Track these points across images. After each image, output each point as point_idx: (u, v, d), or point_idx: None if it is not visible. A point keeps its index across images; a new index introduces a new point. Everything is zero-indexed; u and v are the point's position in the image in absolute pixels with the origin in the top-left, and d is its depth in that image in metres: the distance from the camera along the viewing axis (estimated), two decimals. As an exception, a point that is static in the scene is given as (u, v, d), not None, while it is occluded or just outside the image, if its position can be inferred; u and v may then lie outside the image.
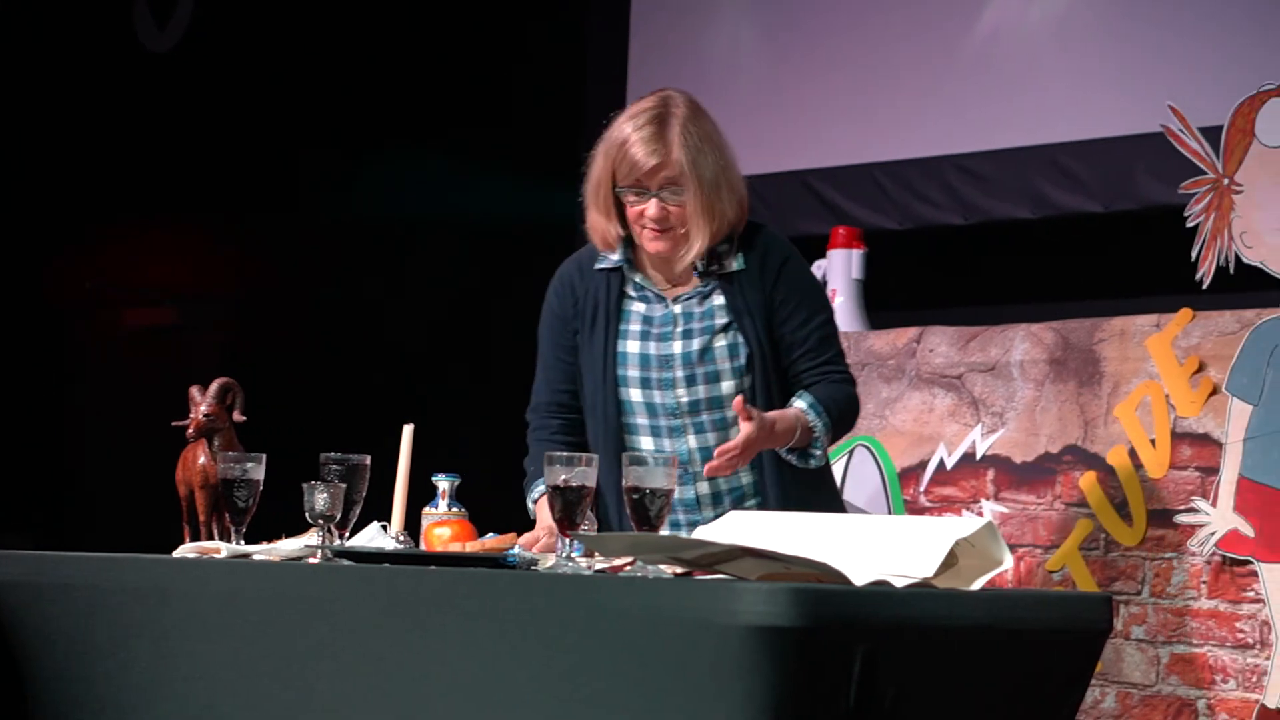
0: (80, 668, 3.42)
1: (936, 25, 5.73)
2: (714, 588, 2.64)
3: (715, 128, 3.70)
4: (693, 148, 3.62)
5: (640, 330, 3.73)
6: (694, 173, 3.62)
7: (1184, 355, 4.49)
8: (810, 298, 3.75)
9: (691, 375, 3.68)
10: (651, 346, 3.71)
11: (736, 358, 3.69)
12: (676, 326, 3.72)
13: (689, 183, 3.62)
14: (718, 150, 3.66)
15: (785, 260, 3.74)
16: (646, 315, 3.74)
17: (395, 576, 3.05)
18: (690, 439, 3.70)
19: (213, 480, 3.60)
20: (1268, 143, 4.39)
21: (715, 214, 3.64)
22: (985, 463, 4.78)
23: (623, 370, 3.73)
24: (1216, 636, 4.37)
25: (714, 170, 3.64)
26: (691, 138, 3.63)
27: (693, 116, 3.67)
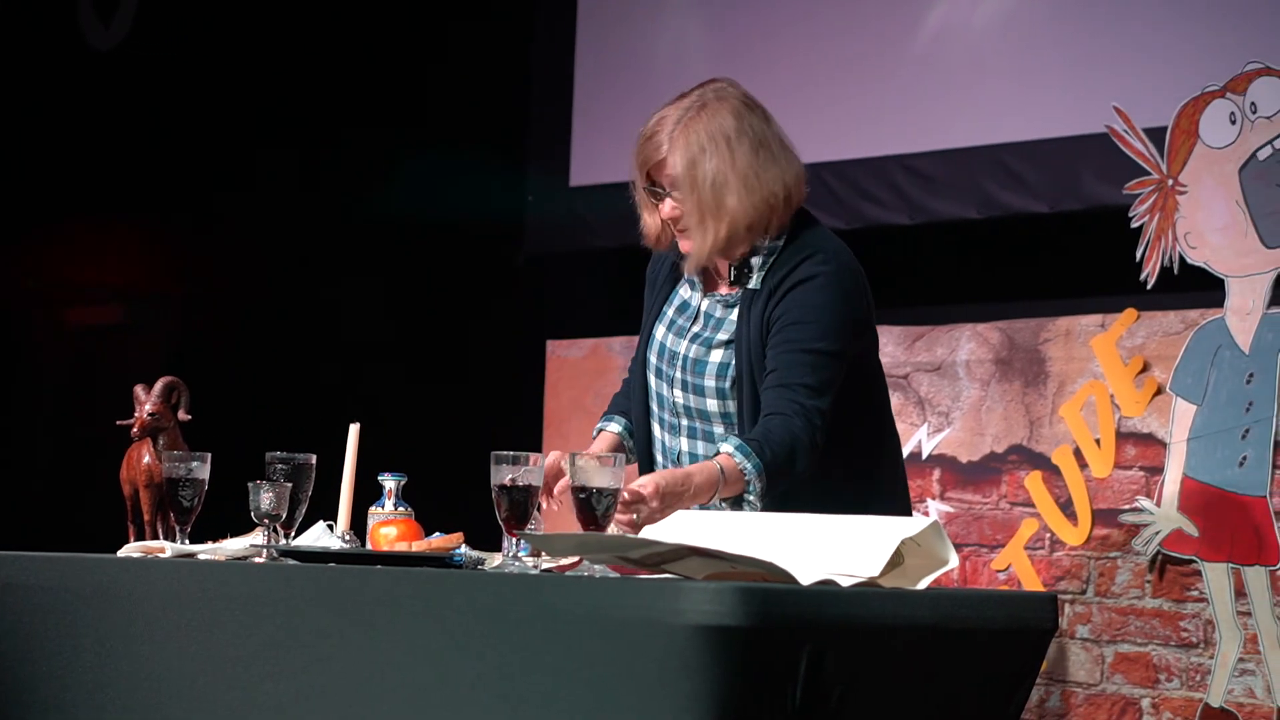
0: (23, 668, 3.40)
1: (882, 25, 5.74)
2: (660, 587, 2.64)
3: (743, 127, 3.49)
4: (694, 146, 3.46)
5: (671, 318, 3.63)
6: (689, 174, 3.45)
7: (1128, 355, 4.51)
8: (805, 323, 3.44)
9: (685, 381, 3.57)
10: (670, 338, 3.61)
11: (724, 378, 3.52)
12: (693, 325, 3.59)
13: (683, 184, 3.47)
14: (730, 149, 3.46)
15: (801, 282, 3.47)
16: (685, 302, 3.63)
17: (341, 576, 3.04)
18: (683, 440, 3.60)
19: (157, 479, 3.58)
20: (1211, 144, 4.41)
21: (717, 218, 3.45)
22: (931, 462, 4.79)
23: (649, 354, 3.65)
24: (1161, 635, 4.39)
25: (717, 171, 3.44)
26: (697, 136, 3.47)
27: (709, 114, 3.50)
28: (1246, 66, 4.39)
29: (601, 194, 6.12)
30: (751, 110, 3.53)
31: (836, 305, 3.49)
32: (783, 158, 3.52)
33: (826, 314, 3.46)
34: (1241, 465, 4.28)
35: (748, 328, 3.50)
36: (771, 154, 3.50)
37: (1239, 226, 4.35)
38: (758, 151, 3.49)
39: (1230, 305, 4.35)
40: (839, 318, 3.48)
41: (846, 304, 3.51)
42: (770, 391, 3.42)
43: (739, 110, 3.52)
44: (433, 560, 3.16)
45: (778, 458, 3.33)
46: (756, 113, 3.54)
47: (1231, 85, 4.39)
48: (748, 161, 3.47)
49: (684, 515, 3.17)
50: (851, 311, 3.52)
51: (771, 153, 3.51)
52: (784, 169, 3.51)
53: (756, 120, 3.52)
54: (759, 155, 3.48)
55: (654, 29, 6.27)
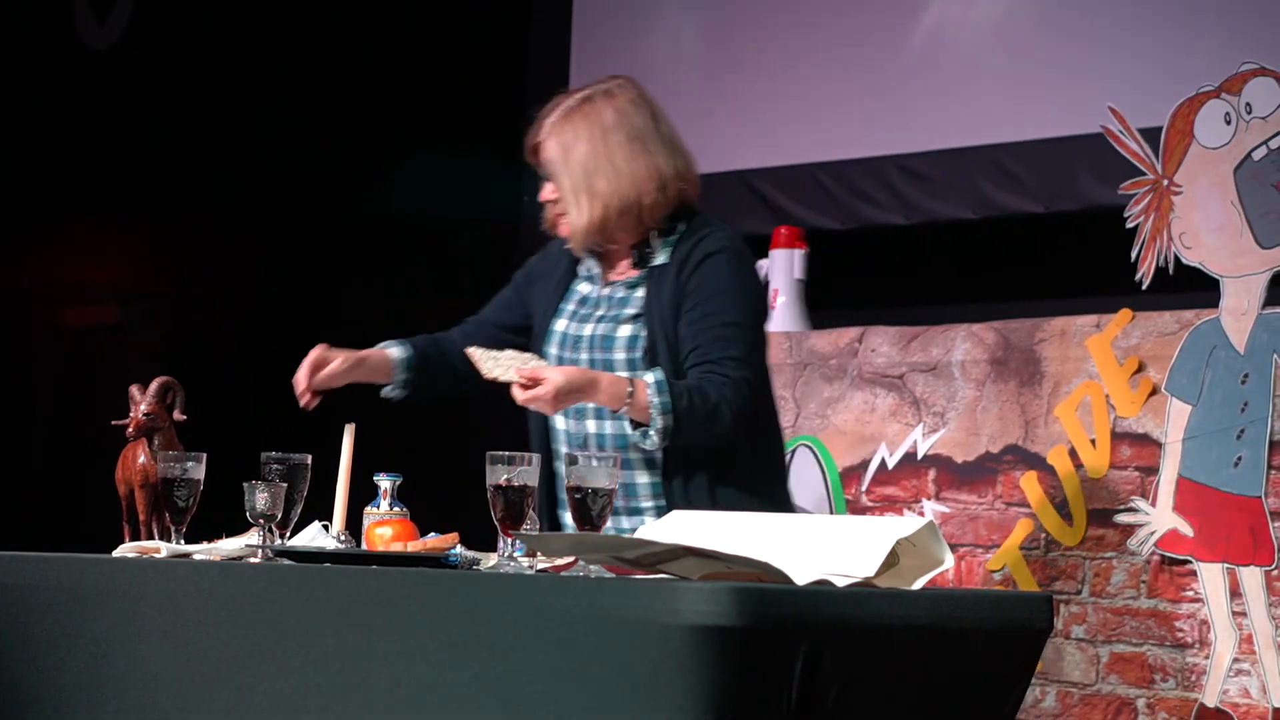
0: (19, 668, 3.40)
1: (878, 26, 5.74)
2: (656, 587, 2.64)
3: (621, 120, 3.69)
4: (568, 133, 3.69)
5: (572, 310, 3.78)
6: (562, 157, 3.68)
7: (1124, 355, 4.51)
8: (719, 297, 3.63)
9: (592, 360, 3.68)
10: (572, 326, 3.75)
11: (634, 350, 3.65)
12: (597, 310, 3.74)
13: (558, 167, 3.69)
14: (604, 138, 3.67)
15: (709, 255, 3.65)
16: (584, 296, 3.78)
17: (336, 576, 3.04)
18: (589, 423, 3.69)
19: (153, 479, 3.58)
20: (1206, 144, 4.41)
21: (590, 198, 3.65)
22: (926, 462, 4.80)
23: (547, 347, 3.77)
24: (1156, 636, 4.40)
25: (587, 156, 3.66)
26: (574, 125, 3.69)
27: (591, 107, 3.71)
28: (1241, 67, 4.39)
29: (597, 194, 6.11)
30: (637, 108, 3.73)
31: (746, 279, 3.70)
32: (661, 152, 3.70)
33: (738, 286, 3.66)
34: (1237, 465, 4.29)
35: (659, 300, 3.65)
36: (647, 148, 3.69)
37: (1234, 227, 4.35)
38: (633, 143, 3.68)
39: (1225, 305, 4.36)
40: (750, 291, 3.70)
41: (753, 278, 3.73)
42: (697, 369, 3.58)
43: (622, 107, 3.71)
44: (428, 560, 3.16)
45: (694, 408, 3.50)
46: (642, 110, 3.73)
47: (1226, 86, 4.40)
48: (622, 151, 3.67)
49: (680, 515, 3.17)
50: (757, 286, 3.74)
51: (647, 147, 3.69)
52: (661, 163, 3.69)
53: (640, 117, 3.71)
54: (633, 147, 3.67)
55: (650, 30, 6.27)
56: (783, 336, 5.09)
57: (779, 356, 5.06)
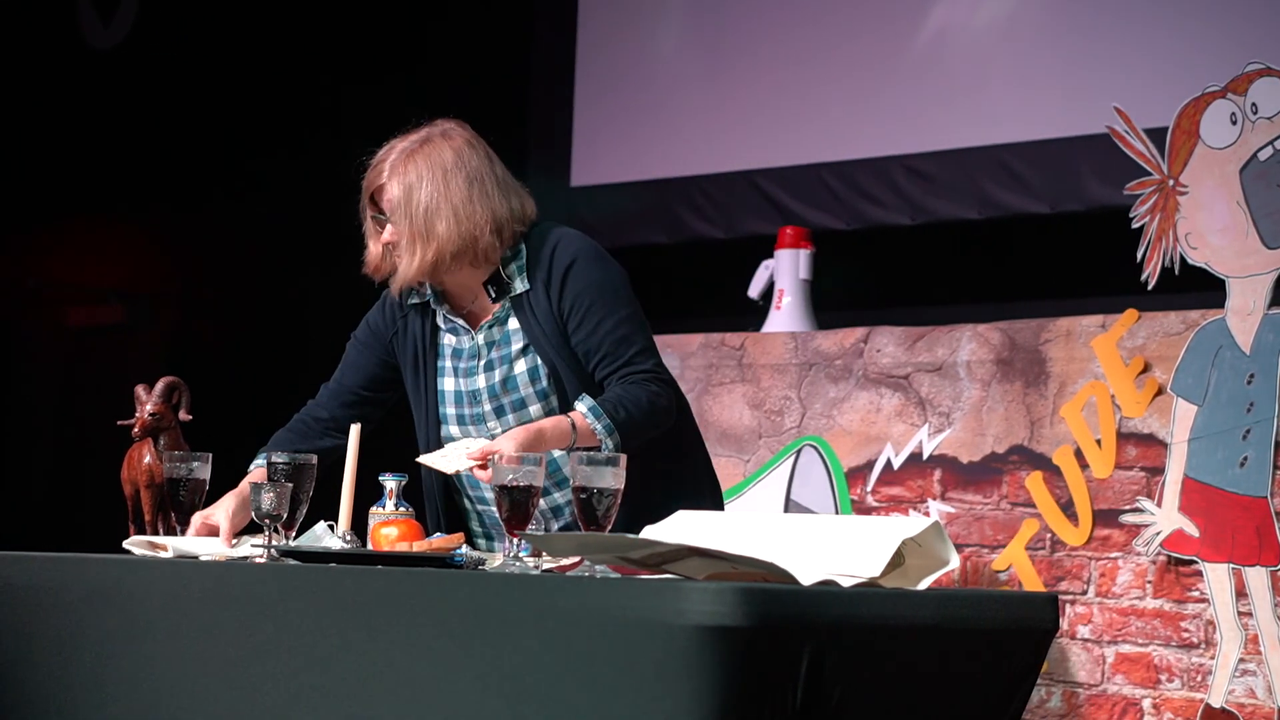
0: (24, 668, 3.40)
1: (884, 27, 5.74)
2: (661, 587, 2.64)
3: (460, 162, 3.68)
4: (410, 175, 3.66)
5: (452, 366, 3.74)
6: (404, 199, 3.66)
7: (1129, 356, 4.51)
8: (599, 300, 3.64)
9: (499, 406, 3.66)
10: (462, 383, 3.72)
11: (538, 380, 3.65)
12: (480, 359, 3.70)
13: (398, 210, 3.67)
14: (445, 181, 3.65)
15: (568, 267, 3.65)
16: (456, 348, 3.74)
17: (342, 576, 3.04)
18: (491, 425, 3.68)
19: (158, 479, 3.58)
20: (1212, 144, 4.41)
21: (425, 243, 3.62)
22: (932, 463, 4.80)
23: (443, 408, 3.74)
24: (1161, 636, 4.39)
25: (429, 199, 3.63)
26: (415, 166, 3.67)
27: (430, 148, 3.69)
28: (1247, 67, 4.39)
29: (602, 195, 6.13)
30: (473, 149, 3.72)
31: (610, 271, 3.70)
32: (497, 194, 3.69)
33: (609, 282, 3.68)
34: (1242, 466, 4.28)
35: (536, 323, 3.65)
36: (485, 191, 3.68)
37: (1240, 227, 4.35)
38: (471, 186, 3.67)
39: (1231, 306, 4.35)
40: (619, 281, 3.70)
41: (614, 266, 3.72)
42: (613, 375, 3.61)
43: (460, 148, 3.70)
44: (433, 561, 3.16)
45: (632, 416, 3.54)
46: (478, 152, 3.73)
47: (1232, 86, 4.39)
48: (461, 194, 3.65)
49: (685, 515, 3.17)
50: (619, 272, 3.72)
51: (485, 190, 3.68)
52: (497, 205, 3.68)
53: (477, 158, 3.71)
54: (472, 190, 3.66)
55: (655, 31, 6.27)
56: (788, 337, 5.09)
57: (784, 356, 5.06)
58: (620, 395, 3.55)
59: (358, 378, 3.89)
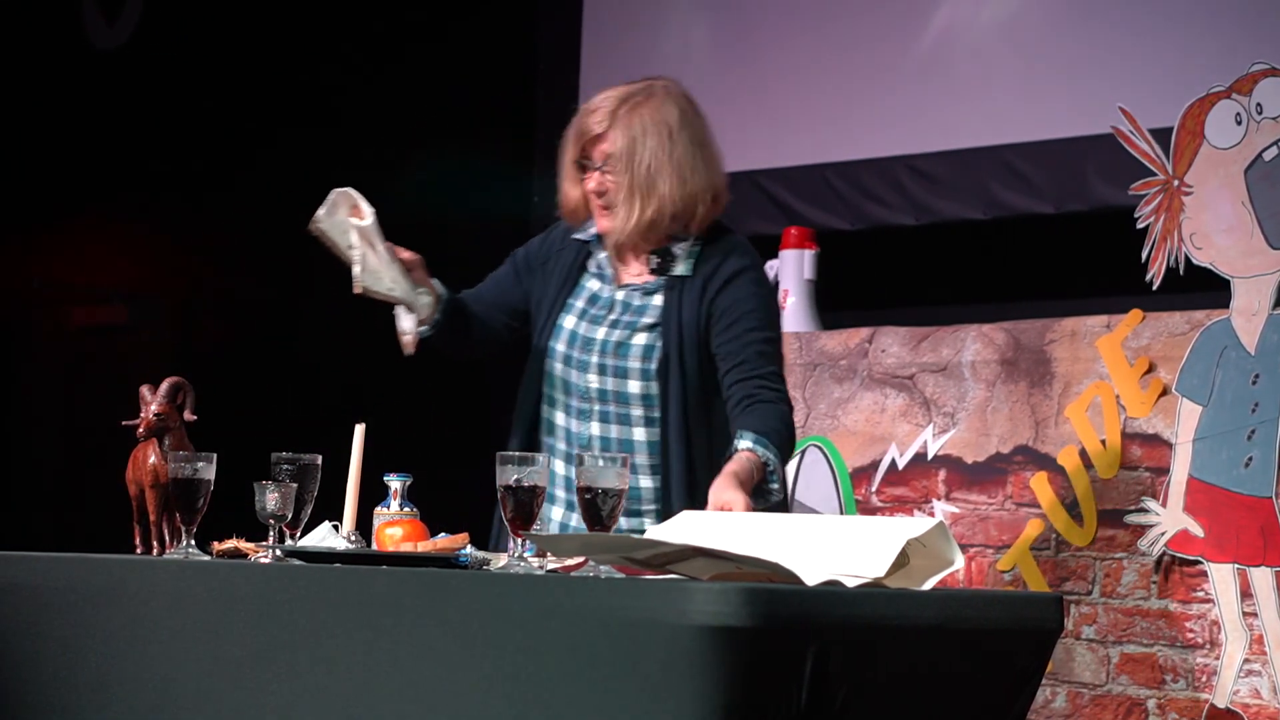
0: (29, 669, 3.40)
1: (888, 27, 5.74)
2: (666, 587, 2.64)
3: (685, 121, 3.66)
4: (636, 128, 3.62)
5: (582, 308, 3.75)
6: (627, 151, 3.62)
7: (1134, 356, 4.51)
8: (756, 313, 3.65)
9: (603, 365, 3.68)
10: (583, 326, 3.73)
11: (649, 360, 3.65)
12: (610, 313, 3.72)
13: (621, 161, 3.63)
14: (671, 140, 3.63)
15: (738, 273, 3.67)
16: (594, 294, 3.76)
17: (346, 577, 3.04)
18: (594, 425, 3.69)
19: (163, 480, 3.58)
20: (1217, 144, 4.41)
21: (646, 198, 3.62)
22: (937, 463, 4.79)
23: (554, 343, 3.75)
24: (1166, 636, 4.39)
25: (654, 156, 3.61)
26: (641, 120, 3.63)
27: (657, 103, 3.66)
28: (1252, 67, 4.38)
29: (607, 195, 6.11)
30: (695, 112, 3.71)
31: (770, 297, 3.74)
32: (715, 163, 3.71)
33: (768, 303, 3.72)
34: (1247, 466, 4.28)
35: (678, 311, 3.65)
36: (705, 154, 3.68)
37: (1245, 227, 4.35)
38: (696, 148, 3.66)
39: (1236, 306, 4.35)
40: (775, 310, 3.77)
41: (774, 296, 3.80)
42: (744, 382, 3.60)
43: (684, 107, 3.69)
44: (438, 561, 3.16)
45: (784, 444, 3.53)
46: (699, 116, 3.72)
47: (1237, 86, 4.39)
48: (685, 154, 3.65)
49: (689, 515, 3.17)
50: (776, 303, 3.82)
51: (705, 153, 3.68)
52: (714, 173, 3.70)
53: (698, 122, 3.70)
54: (696, 152, 3.66)
55: (660, 31, 6.27)
56: (793, 337, 5.09)
57: (789, 357, 5.06)
58: (767, 423, 3.52)
59: (499, 296, 3.91)
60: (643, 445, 3.66)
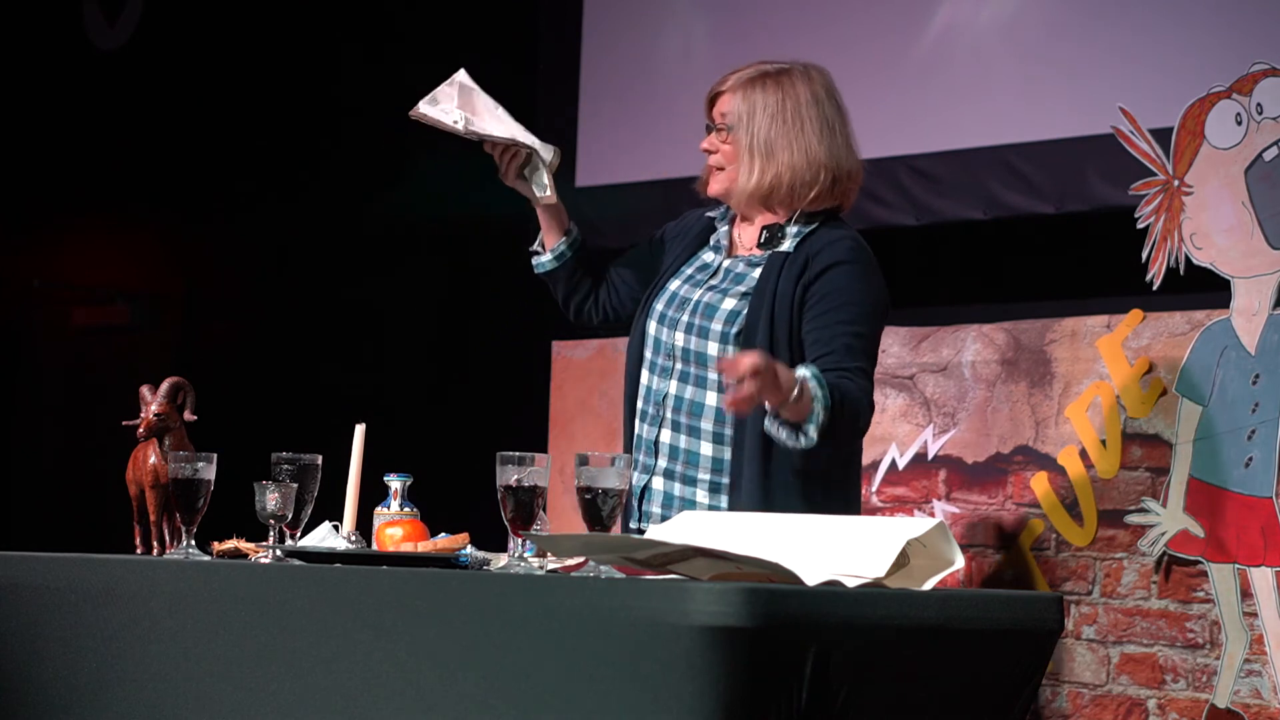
0: (30, 668, 3.40)
1: (887, 27, 5.73)
2: (666, 587, 2.64)
3: (816, 100, 3.69)
4: (758, 95, 3.68)
5: (690, 274, 3.79)
6: (746, 114, 3.68)
7: (1134, 356, 4.51)
8: (852, 305, 3.60)
9: (691, 323, 3.69)
10: (684, 289, 3.76)
11: (731, 324, 3.64)
12: (713, 279, 3.74)
13: (738, 123, 3.69)
14: (795, 114, 3.67)
15: (840, 262, 3.63)
16: (705, 264, 3.80)
17: (347, 577, 3.04)
18: (672, 383, 3.71)
19: (163, 480, 3.58)
20: (1217, 144, 4.40)
21: (766, 166, 3.66)
22: (937, 463, 4.79)
23: (655, 303, 3.79)
24: (1167, 636, 4.39)
25: (774, 123, 3.66)
26: (765, 88, 3.69)
27: (790, 79, 3.70)
28: (1252, 67, 4.38)
29: (607, 195, 6.12)
30: (830, 96, 3.73)
31: (875, 294, 3.67)
32: (844, 147, 3.71)
33: (868, 298, 3.64)
34: (1247, 466, 4.28)
35: (774, 284, 3.63)
36: (833, 134, 3.69)
37: (1245, 227, 4.35)
38: (822, 127, 3.68)
39: (1236, 306, 4.35)
40: (877, 305, 3.67)
41: (880, 293, 3.70)
42: (831, 372, 3.49)
43: (818, 92, 3.72)
44: (438, 561, 3.16)
45: (844, 406, 3.44)
46: (835, 101, 3.73)
47: (1237, 86, 4.39)
48: (810, 130, 3.67)
49: (690, 516, 3.17)
50: (881, 301, 3.70)
51: (834, 134, 3.69)
52: (842, 155, 3.70)
53: (831, 105, 3.72)
54: (822, 131, 3.68)
55: (661, 31, 6.26)
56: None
57: (789, 357, 5.06)
58: (838, 382, 3.45)
59: (627, 262, 3.98)
60: (711, 411, 3.66)
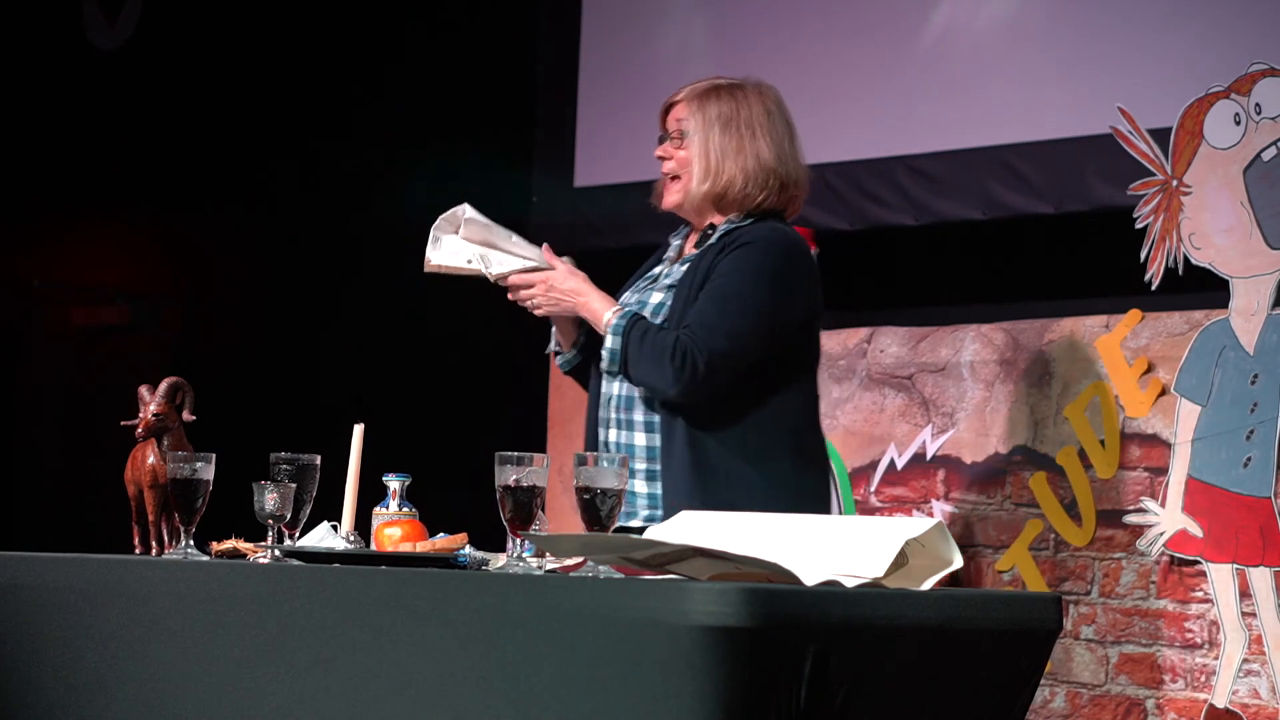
0: (29, 668, 3.40)
1: (887, 26, 5.73)
2: (665, 588, 2.64)
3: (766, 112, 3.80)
4: (714, 107, 3.78)
5: (639, 285, 3.92)
6: (704, 123, 3.78)
7: (1133, 356, 4.51)
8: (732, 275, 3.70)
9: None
10: (632, 296, 3.87)
11: (657, 316, 3.76)
12: (654, 282, 3.87)
13: (692, 132, 3.79)
14: (746, 124, 3.77)
15: (744, 244, 3.72)
16: (653, 274, 3.92)
17: (345, 577, 3.04)
18: (615, 384, 3.81)
19: (162, 480, 3.58)
20: (1216, 145, 4.41)
21: (718, 174, 3.76)
22: (936, 463, 4.80)
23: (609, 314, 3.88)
24: (1165, 636, 4.39)
25: (725, 134, 3.76)
26: (721, 102, 3.79)
27: (742, 93, 3.81)
28: (1251, 67, 4.39)
29: (606, 195, 6.12)
30: (780, 111, 3.84)
31: (770, 264, 3.71)
32: (793, 157, 3.82)
33: (749, 270, 3.69)
34: (1246, 466, 4.28)
35: (694, 275, 3.75)
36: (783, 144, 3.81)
37: (1243, 228, 4.35)
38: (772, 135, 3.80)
39: (1235, 306, 4.35)
40: (768, 275, 3.71)
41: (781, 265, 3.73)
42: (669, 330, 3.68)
43: (769, 104, 3.83)
44: (437, 561, 3.16)
45: (643, 348, 3.65)
46: (784, 114, 3.85)
47: (1236, 86, 4.39)
48: (762, 140, 3.78)
49: (689, 516, 3.17)
50: (783, 274, 3.74)
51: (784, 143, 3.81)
52: (791, 163, 3.81)
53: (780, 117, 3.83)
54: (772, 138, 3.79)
55: (659, 30, 6.26)
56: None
57: (788, 357, 5.06)
58: (652, 330, 3.66)
59: None
60: (638, 402, 3.77)
